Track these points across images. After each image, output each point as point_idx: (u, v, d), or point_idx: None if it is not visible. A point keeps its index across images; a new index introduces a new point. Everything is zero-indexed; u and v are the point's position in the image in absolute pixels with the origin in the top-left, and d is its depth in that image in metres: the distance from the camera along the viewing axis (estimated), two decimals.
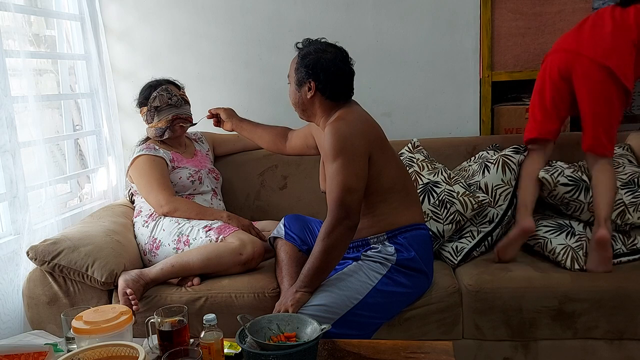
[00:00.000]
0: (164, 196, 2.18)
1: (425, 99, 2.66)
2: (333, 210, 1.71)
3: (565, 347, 1.90)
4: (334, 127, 1.76)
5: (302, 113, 1.92)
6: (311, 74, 1.81)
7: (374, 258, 1.80)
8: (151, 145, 2.31)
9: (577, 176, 2.09)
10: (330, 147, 1.73)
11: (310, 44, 1.86)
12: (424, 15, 2.62)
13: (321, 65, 1.80)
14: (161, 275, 1.99)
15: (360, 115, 1.84)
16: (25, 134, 2.16)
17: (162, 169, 2.24)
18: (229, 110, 2.25)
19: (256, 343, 1.36)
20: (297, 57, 1.86)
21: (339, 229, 1.69)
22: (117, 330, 1.38)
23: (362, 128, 1.78)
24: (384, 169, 1.80)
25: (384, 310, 1.79)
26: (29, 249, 1.96)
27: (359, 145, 1.74)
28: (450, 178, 2.22)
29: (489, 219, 2.17)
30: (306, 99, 1.85)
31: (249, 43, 2.72)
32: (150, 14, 2.74)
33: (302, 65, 1.83)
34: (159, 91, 2.28)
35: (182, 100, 2.33)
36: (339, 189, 1.70)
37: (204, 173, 2.35)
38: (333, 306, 1.69)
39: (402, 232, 1.83)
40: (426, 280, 1.87)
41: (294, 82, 1.87)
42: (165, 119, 2.28)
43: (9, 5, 2.08)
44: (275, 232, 2.06)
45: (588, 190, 2.07)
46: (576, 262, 1.96)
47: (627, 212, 2.03)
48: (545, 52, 2.26)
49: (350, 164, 1.71)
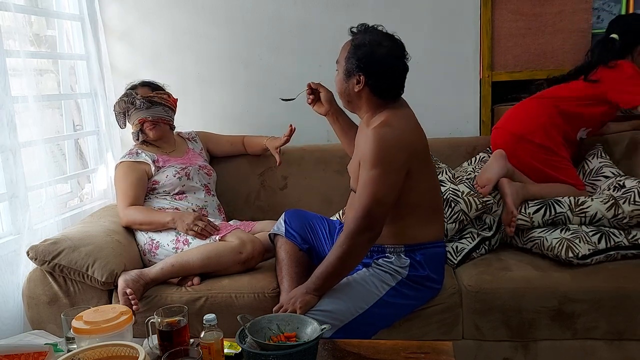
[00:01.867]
0: (121, 209, 2.20)
1: (425, 99, 2.66)
2: (358, 218, 1.64)
3: (565, 347, 1.90)
4: (378, 134, 1.65)
5: (347, 104, 1.82)
6: (362, 67, 1.69)
7: (385, 268, 1.76)
8: (134, 150, 2.31)
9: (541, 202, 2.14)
10: (371, 153, 1.65)
11: (366, 31, 1.73)
12: (424, 15, 2.62)
13: (375, 59, 1.68)
14: (161, 275, 1.99)
15: (408, 122, 1.74)
16: (25, 134, 2.16)
17: (134, 177, 2.23)
18: (330, 94, 1.96)
19: (256, 343, 1.36)
20: (350, 44, 1.73)
21: (359, 239, 1.65)
22: (117, 330, 1.38)
23: (408, 139, 1.69)
24: (418, 184, 1.72)
25: (387, 319, 1.78)
26: (29, 249, 1.96)
27: (401, 158, 1.66)
28: (455, 177, 2.23)
29: (488, 226, 2.18)
30: (353, 91, 1.74)
31: (248, 43, 2.72)
32: (150, 14, 2.74)
33: (354, 55, 1.70)
34: (121, 97, 2.31)
35: (149, 102, 2.28)
36: (369, 199, 1.64)
37: (193, 169, 2.33)
38: (338, 313, 1.67)
39: (421, 249, 1.77)
40: (432, 293, 1.86)
41: (342, 70, 1.75)
42: (134, 122, 2.30)
43: (9, 5, 2.08)
44: (275, 229, 2.04)
45: (560, 203, 2.10)
46: (571, 250, 1.95)
47: (619, 205, 2.03)
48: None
49: (387, 176, 1.64)
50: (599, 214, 2.04)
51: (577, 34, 2.56)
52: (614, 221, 2.03)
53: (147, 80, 2.38)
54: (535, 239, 2.08)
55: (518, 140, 2.26)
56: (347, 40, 1.77)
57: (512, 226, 2.10)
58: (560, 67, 2.58)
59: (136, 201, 2.20)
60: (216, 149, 2.57)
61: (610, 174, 2.24)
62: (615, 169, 2.27)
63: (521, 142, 2.25)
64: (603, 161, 2.31)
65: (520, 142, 2.25)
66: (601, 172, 2.27)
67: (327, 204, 2.45)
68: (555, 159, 2.23)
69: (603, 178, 2.24)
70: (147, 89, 2.34)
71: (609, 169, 2.27)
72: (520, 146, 2.25)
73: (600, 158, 2.32)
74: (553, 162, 2.23)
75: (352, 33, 1.76)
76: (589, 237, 1.99)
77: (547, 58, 2.60)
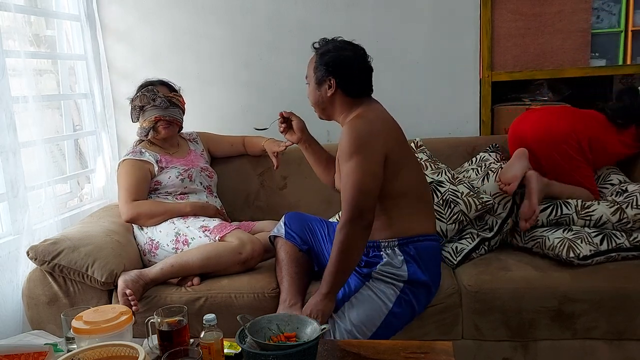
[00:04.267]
0: (124, 203, 2.18)
1: (425, 99, 2.66)
2: (347, 211, 1.67)
3: (565, 347, 1.90)
4: (351, 125, 1.73)
5: (321, 112, 1.89)
6: (331, 71, 1.79)
7: (385, 277, 1.76)
8: (137, 149, 2.30)
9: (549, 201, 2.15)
10: (346, 145, 1.70)
11: (327, 42, 1.85)
12: (424, 15, 2.62)
13: (341, 62, 1.78)
14: (161, 275, 1.99)
15: (380, 113, 1.81)
16: (25, 134, 2.16)
17: (139, 175, 2.23)
18: (302, 123, 2.01)
19: (256, 343, 1.35)
20: (316, 56, 1.84)
21: (353, 230, 1.67)
22: (117, 330, 1.38)
23: (381, 127, 1.76)
24: (400, 172, 1.76)
25: (392, 328, 1.78)
26: (29, 249, 1.96)
27: (376, 145, 1.71)
28: (454, 178, 2.23)
29: (489, 227, 2.18)
30: (326, 97, 1.82)
31: (249, 43, 2.72)
32: (150, 14, 2.74)
33: (321, 63, 1.80)
34: (143, 91, 2.29)
35: (169, 102, 2.29)
36: (352, 189, 1.67)
37: (195, 171, 2.33)
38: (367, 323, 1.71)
39: (414, 242, 1.78)
40: (431, 294, 1.86)
41: (313, 81, 1.85)
42: (149, 119, 2.28)
43: (9, 5, 2.08)
44: (275, 231, 2.05)
45: (567, 204, 2.10)
46: (572, 250, 1.95)
47: (623, 210, 2.03)
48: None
49: (366, 164, 1.68)
50: (604, 217, 2.04)
51: (577, 34, 2.56)
52: (618, 225, 2.03)
53: (165, 80, 2.38)
54: (537, 237, 2.07)
55: (553, 133, 2.20)
56: (312, 56, 1.86)
57: (529, 223, 2.09)
58: (560, 67, 2.58)
59: (139, 198, 2.20)
60: (217, 150, 2.57)
61: (617, 181, 2.24)
62: (622, 176, 2.26)
63: (555, 135, 2.20)
64: (611, 168, 2.30)
65: (555, 135, 2.20)
66: (609, 179, 2.26)
67: (326, 204, 2.45)
68: (579, 159, 2.20)
69: (610, 185, 2.24)
70: (167, 89, 2.35)
71: (616, 176, 2.26)
72: (551, 138, 2.20)
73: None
74: (577, 163, 2.20)
75: (315, 48, 1.86)
76: (591, 238, 1.99)
77: (547, 58, 2.60)
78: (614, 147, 2.25)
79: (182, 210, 2.20)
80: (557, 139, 2.19)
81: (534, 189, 2.09)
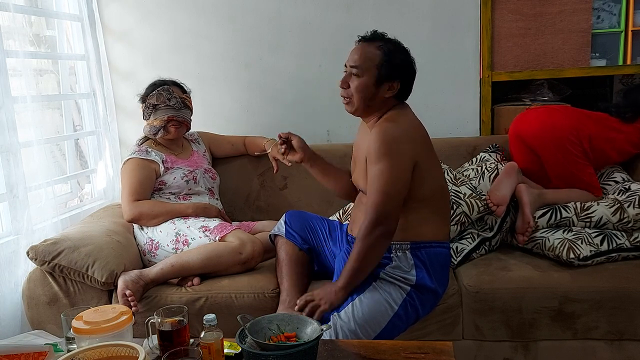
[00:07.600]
0: (127, 203, 2.18)
1: (425, 99, 2.66)
2: (370, 214, 1.66)
3: (565, 347, 1.90)
4: (382, 128, 1.70)
5: (365, 108, 1.77)
6: (398, 74, 1.73)
7: (392, 278, 1.75)
8: (143, 148, 2.30)
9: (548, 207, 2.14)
10: (376, 147, 1.67)
11: (384, 39, 1.76)
12: (424, 15, 2.62)
13: (407, 66, 1.76)
14: (161, 275, 1.99)
15: (412, 119, 1.79)
16: (25, 134, 2.16)
17: (143, 174, 2.23)
18: (302, 141, 1.97)
19: (256, 343, 1.35)
20: (381, 52, 1.73)
21: (374, 233, 1.66)
22: (117, 330, 1.38)
23: (413, 132, 1.73)
24: (425, 180, 1.73)
25: (395, 330, 1.77)
26: (29, 249, 1.96)
27: (406, 150, 1.68)
28: (456, 179, 2.23)
29: (489, 226, 2.18)
30: (382, 97, 1.75)
31: (249, 43, 2.72)
32: (150, 14, 2.74)
33: (389, 62, 1.72)
34: (159, 90, 2.28)
35: (182, 103, 2.31)
36: (378, 193, 1.65)
37: (199, 173, 2.34)
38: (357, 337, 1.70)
39: (426, 247, 1.77)
40: (436, 300, 1.85)
41: (370, 75, 1.72)
42: (161, 118, 2.27)
43: (9, 6, 2.08)
44: (275, 229, 2.05)
45: (567, 208, 2.10)
46: (572, 251, 1.95)
47: (624, 209, 2.03)
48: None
49: (394, 169, 1.66)
50: (605, 218, 2.04)
51: (577, 34, 2.56)
52: (619, 225, 2.04)
53: (178, 82, 2.38)
54: (537, 239, 2.07)
55: (555, 130, 2.20)
56: (360, 45, 1.77)
57: (526, 235, 2.09)
58: (560, 67, 2.58)
59: (142, 198, 2.20)
60: (218, 150, 2.57)
61: (620, 179, 2.24)
62: (625, 174, 2.26)
63: (557, 132, 2.19)
64: (615, 166, 2.30)
65: (557, 132, 2.19)
66: (612, 176, 2.26)
67: (327, 204, 2.45)
68: (581, 157, 2.19)
69: (613, 183, 2.23)
70: (180, 90, 2.36)
71: (619, 174, 2.26)
72: (553, 135, 2.19)
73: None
74: (579, 160, 2.18)
75: (364, 39, 1.77)
76: (592, 239, 1.99)
77: (547, 58, 2.59)
78: (620, 145, 2.23)
79: (185, 211, 2.20)
80: (559, 137, 2.19)
81: (526, 203, 2.09)
